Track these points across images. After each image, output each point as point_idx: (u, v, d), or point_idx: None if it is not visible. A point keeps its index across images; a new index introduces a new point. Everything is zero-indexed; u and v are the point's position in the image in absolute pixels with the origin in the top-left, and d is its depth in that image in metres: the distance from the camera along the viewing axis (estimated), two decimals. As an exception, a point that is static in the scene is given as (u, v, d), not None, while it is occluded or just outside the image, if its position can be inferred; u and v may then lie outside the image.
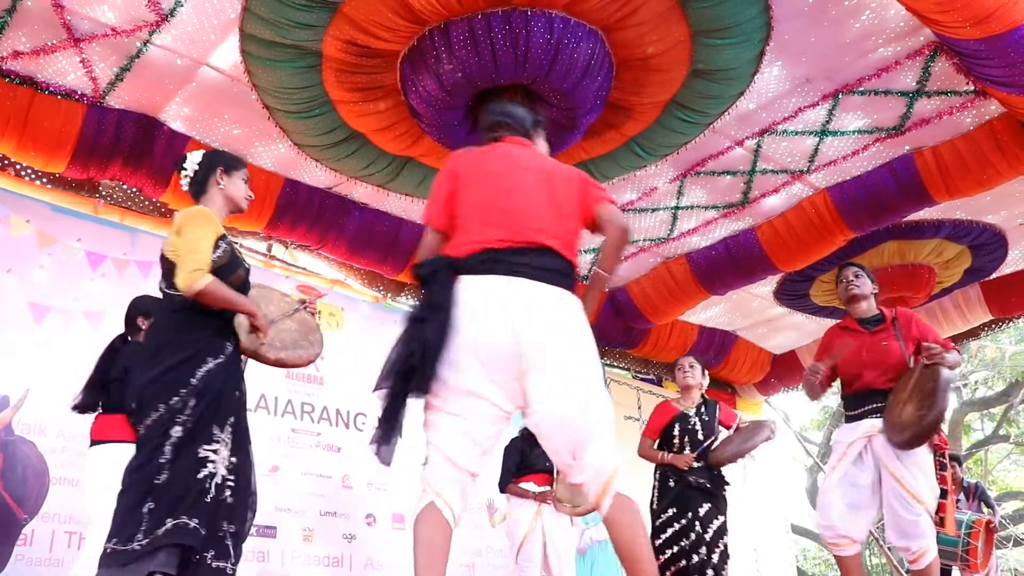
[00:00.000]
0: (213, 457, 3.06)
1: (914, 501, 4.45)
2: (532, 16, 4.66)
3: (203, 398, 3.09)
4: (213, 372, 3.16)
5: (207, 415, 3.09)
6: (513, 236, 2.66)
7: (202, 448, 3.04)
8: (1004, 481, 20.64)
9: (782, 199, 7.21)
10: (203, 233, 3.24)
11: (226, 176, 3.50)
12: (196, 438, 3.04)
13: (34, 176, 5.98)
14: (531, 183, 2.79)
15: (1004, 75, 5.06)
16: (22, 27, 5.01)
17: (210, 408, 3.10)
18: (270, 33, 4.87)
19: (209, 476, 3.03)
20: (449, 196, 2.83)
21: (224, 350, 3.25)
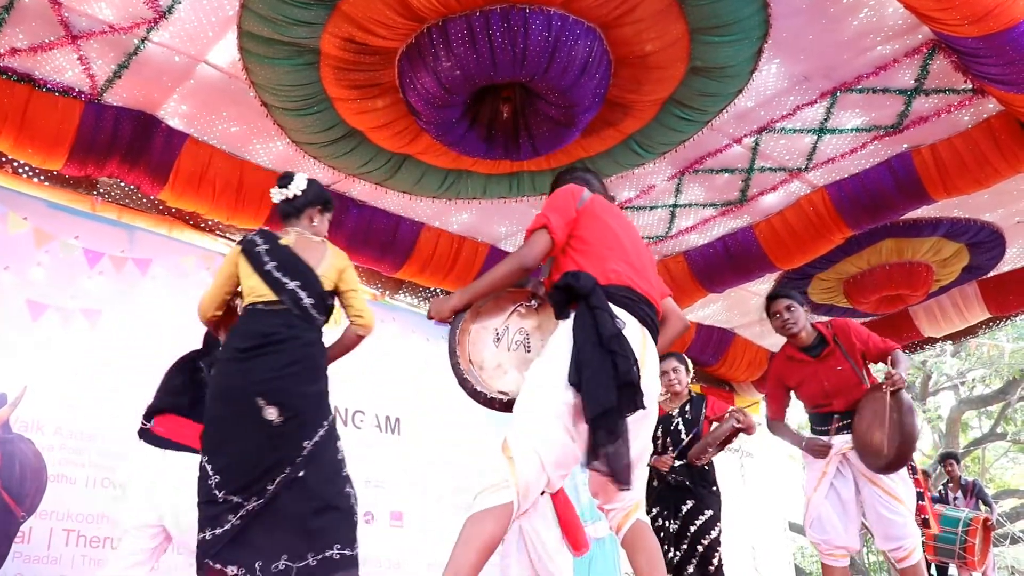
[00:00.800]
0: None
1: (896, 503, 4.56)
2: (530, 13, 4.66)
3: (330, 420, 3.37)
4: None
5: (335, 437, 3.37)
6: (642, 284, 2.87)
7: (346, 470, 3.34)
8: (1001, 479, 20.68)
9: (780, 197, 7.21)
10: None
11: (320, 216, 3.73)
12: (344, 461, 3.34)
13: (31, 173, 5.97)
14: (640, 241, 3.09)
15: (1002, 73, 5.07)
16: (19, 24, 5.00)
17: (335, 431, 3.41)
18: (268, 30, 4.86)
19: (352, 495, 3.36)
20: (576, 218, 2.99)
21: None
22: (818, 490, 4.87)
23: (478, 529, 2.44)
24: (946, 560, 7.46)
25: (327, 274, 3.49)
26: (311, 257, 3.53)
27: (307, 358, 3.34)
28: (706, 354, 9.91)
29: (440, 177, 6.40)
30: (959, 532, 7.08)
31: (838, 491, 4.81)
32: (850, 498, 4.79)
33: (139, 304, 6.09)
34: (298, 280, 3.44)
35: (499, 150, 5.60)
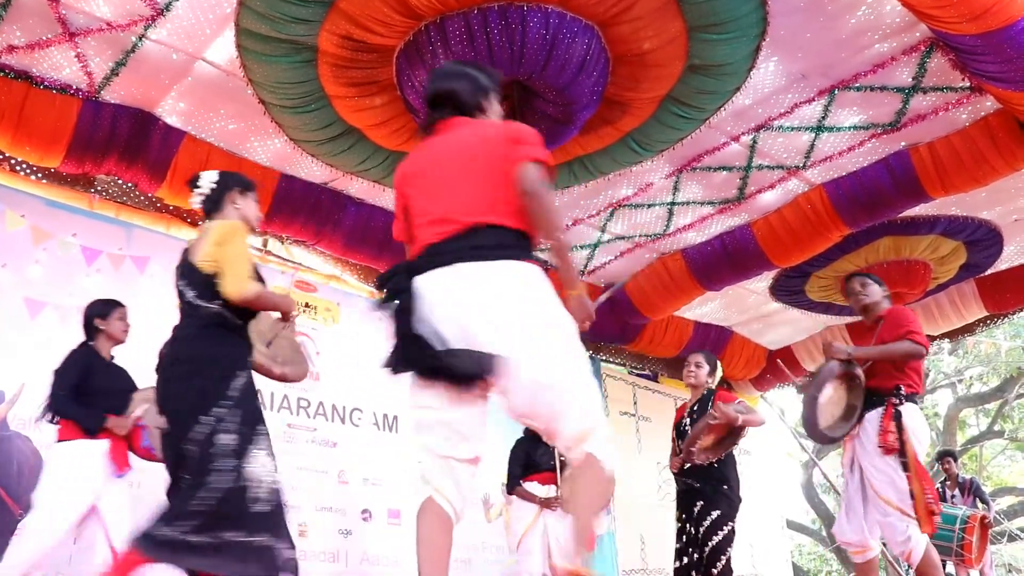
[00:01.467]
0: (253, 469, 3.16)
1: (882, 503, 4.54)
2: (528, 11, 4.66)
3: (244, 412, 3.21)
4: (246, 386, 3.29)
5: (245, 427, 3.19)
6: (448, 227, 2.61)
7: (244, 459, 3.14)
8: (999, 476, 20.70)
9: (778, 195, 7.22)
10: (244, 244, 3.43)
11: (241, 197, 3.64)
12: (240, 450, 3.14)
13: (29, 171, 5.96)
14: (456, 168, 2.71)
15: (1000, 71, 5.07)
16: (17, 21, 5.00)
17: (247, 420, 3.21)
18: (266, 28, 4.86)
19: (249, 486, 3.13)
20: (402, 212, 2.86)
21: (249, 365, 3.41)
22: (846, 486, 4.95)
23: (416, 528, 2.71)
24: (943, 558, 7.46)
25: (205, 256, 3.36)
26: (195, 247, 3.46)
27: (184, 357, 3.30)
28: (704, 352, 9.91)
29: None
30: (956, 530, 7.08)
31: (848, 484, 4.82)
32: (856, 491, 4.76)
33: (137, 302, 6.06)
34: (184, 278, 3.44)
35: (497, 148, 5.59)
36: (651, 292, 8.35)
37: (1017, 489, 18.96)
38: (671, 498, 9.88)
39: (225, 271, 3.29)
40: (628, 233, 7.84)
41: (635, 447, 9.88)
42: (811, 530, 20.01)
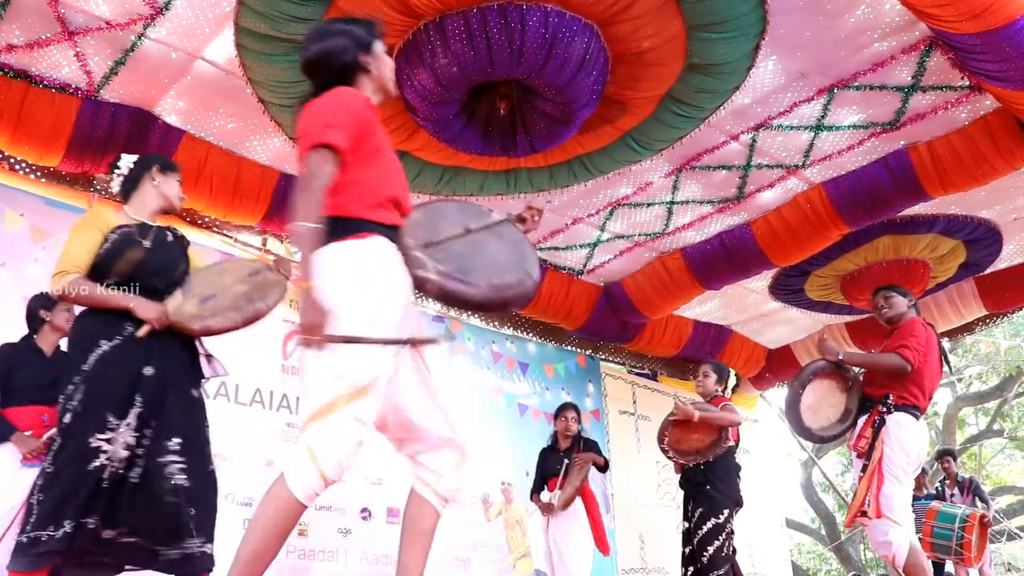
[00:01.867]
0: (106, 447, 2.97)
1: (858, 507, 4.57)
2: (527, 10, 4.66)
3: (94, 383, 3.07)
4: (108, 354, 3.14)
5: (98, 400, 3.03)
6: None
7: (94, 437, 2.97)
8: (998, 475, 20.70)
9: (777, 194, 7.22)
10: (77, 236, 3.34)
11: (161, 175, 3.59)
12: (86, 426, 2.98)
13: (28, 170, 5.96)
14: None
15: (999, 70, 5.07)
16: (16, 20, 4.99)
17: (104, 392, 3.05)
18: (265, 27, 4.86)
19: (102, 467, 2.95)
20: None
21: (121, 331, 3.21)
22: None
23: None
24: (943, 556, 7.46)
25: None
26: None
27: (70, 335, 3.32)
28: (703, 351, 9.92)
29: (437, 174, 6.40)
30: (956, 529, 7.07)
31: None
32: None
33: (136, 301, 6.08)
34: None
35: (496, 147, 5.60)
36: (650, 291, 8.35)
37: (1016, 488, 18.97)
38: (670, 497, 9.94)
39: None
40: (627, 232, 7.84)
41: (634, 446, 9.88)
42: (810, 529, 20.02)
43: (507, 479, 7.86)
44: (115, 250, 3.32)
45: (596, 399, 9.72)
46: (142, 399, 3.10)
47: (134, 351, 3.18)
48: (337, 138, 2.38)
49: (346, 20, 2.79)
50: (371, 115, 2.54)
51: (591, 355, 10.02)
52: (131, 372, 3.14)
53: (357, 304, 2.29)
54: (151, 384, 3.16)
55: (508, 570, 7.76)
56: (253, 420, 6.55)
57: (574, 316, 8.58)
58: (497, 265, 2.44)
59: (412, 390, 2.48)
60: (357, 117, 2.47)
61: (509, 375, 8.95)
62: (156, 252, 3.42)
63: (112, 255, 3.30)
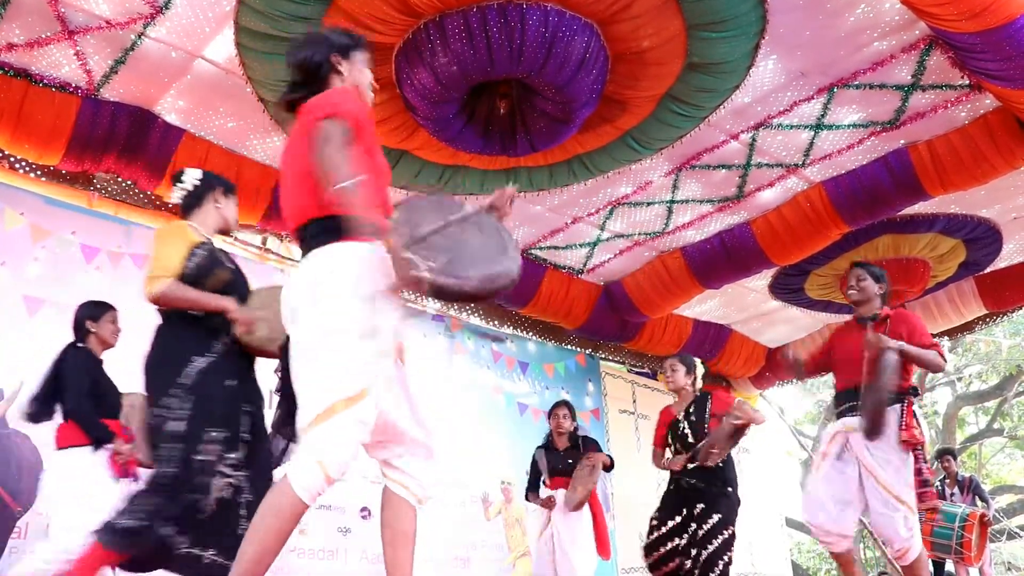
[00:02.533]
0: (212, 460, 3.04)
1: (891, 498, 4.46)
2: (527, 9, 4.66)
3: (197, 398, 3.11)
4: (205, 371, 3.19)
5: (200, 415, 3.09)
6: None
7: (199, 452, 3.03)
8: (998, 475, 20.71)
9: (777, 193, 7.22)
10: (170, 243, 3.37)
11: (224, 198, 3.63)
12: (189, 440, 3.03)
13: (28, 169, 5.96)
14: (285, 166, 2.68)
15: (999, 69, 5.07)
16: (16, 19, 4.99)
17: (204, 408, 3.11)
18: (265, 26, 4.86)
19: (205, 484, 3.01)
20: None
21: (211, 348, 3.26)
22: (817, 471, 4.83)
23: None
24: (943, 556, 7.46)
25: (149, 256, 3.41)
26: None
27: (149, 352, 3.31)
28: (703, 350, 9.92)
29: (437, 173, 6.40)
30: (956, 528, 7.08)
31: (841, 471, 4.75)
32: (853, 478, 4.69)
33: (136, 300, 6.05)
34: None
35: (496, 146, 5.60)
36: (650, 290, 8.35)
37: (1016, 487, 18.98)
38: (671, 496, 9.94)
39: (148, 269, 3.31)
40: (627, 231, 7.84)
41: (634, 445, 9.88)
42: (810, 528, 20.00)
43: (507, 478, 7.87)
44: (206, 267, 3.35)
45: (596, 398, 9.73)
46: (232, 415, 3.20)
47: (225, 367, 3.26)
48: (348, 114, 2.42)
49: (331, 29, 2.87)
50: (367, 116, 2.56)
51: (591, 354, 10.02)
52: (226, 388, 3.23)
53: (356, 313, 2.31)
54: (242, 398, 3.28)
55: (508, 569, 7.77)
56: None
57: (574, 315, 8.58)
58: (483, 255, 2.44)
59: (392, 391, 2.50)
60: (360, 109, 2.52)
61: (509, 374, 8.95)
62: (238, 275, 3.51)
63: (202, 272, 3.33)
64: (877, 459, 4.54)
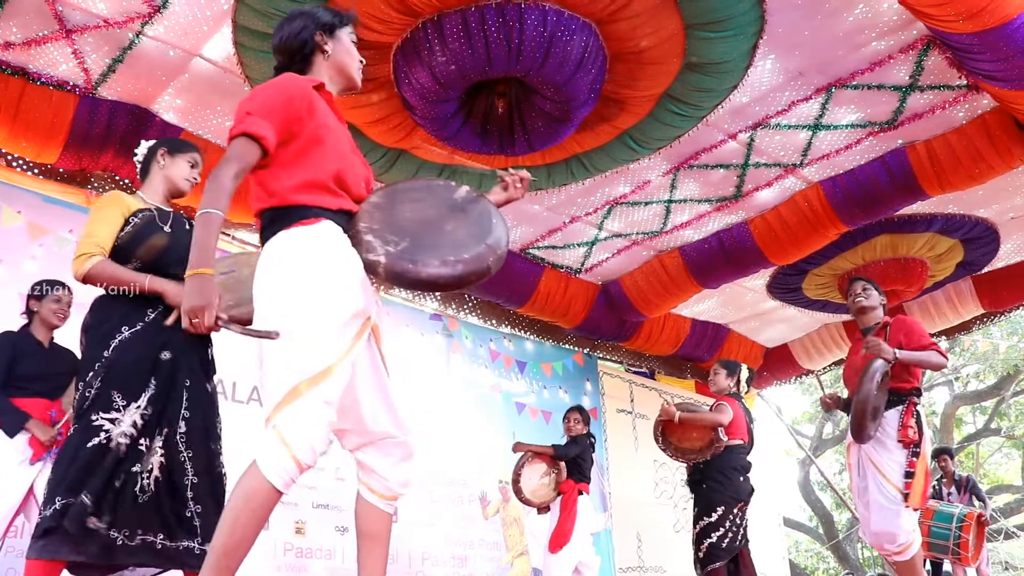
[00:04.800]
0: (108, 425, 2.90)
1: (895, 492, 4.53)
2: (526, 9, 4.66)
3: (112, 368, 3.00)
4: (127, 340, 3.07)
5: (109, 382, 2.98)
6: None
7: (98, 415, 2.91)
8: (995, 474, 20.72)
9: (775, 193, 7.22)
10: (100, 216, 3.24)
11: (168, 157, 3.47)
12: (95, 407, 2.93)
13: (26, 167, 5.96)
14: None
15: (996, 69, 5.07)
16: (13, 17, 4.99)
17: (117, 376, 2.99)
18: (263, 24, 4.86)
19: (101, 445, 2.87)
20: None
21: (143, 317, 3.14)
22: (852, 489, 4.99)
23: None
24: (940, 556, 7.46)
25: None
26: None
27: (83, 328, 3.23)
28: (700, 349, 9.94)
29: (435, 172, 6.40)
30: (953, 528, 7.08)
31: (860, 486, 4.85)
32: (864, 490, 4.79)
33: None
34: None
35: (494, 145, 5.60)
36: (648, 290, 8.35)
37: (1014, 487, 18.99)
38: (668, 495, 9.95)
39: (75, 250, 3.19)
40: (625, 231, 7.84)
41: (632, 445, 9.89)
42: (808, 528, 20.03)
43: (505, 477, 7.86)
44: (137, 234, 3.22)
45: (594, 397, 9.73)
46: (156, 382, 3.04)
47: (153, 336, 3.11)
48: (261, 128, 2.33)
49: (317, 6, 2.75)
50: (312, 99, 2.46)
51: (589, 353, 10.02)
52: (149, 357, 3.07)
53: (310, 293, 2.25)
54: (166, 368, 3.08)
55: (506, 568, 7.77)
56: (251, 418, 6.54)
57: (572, 314, 8.58)
58: (453, 241, 2.35)
59: (365, 382, 2.43)
60: (291, 103, 2.41)
61: (507, 373, 8.95)
62: (177, 239, 3.29)
63: (135, 239, 3.21)
64: (883, 457, 4.62)
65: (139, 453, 2.92)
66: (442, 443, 7.74)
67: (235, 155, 2.33)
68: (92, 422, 2.89)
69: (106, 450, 2.87)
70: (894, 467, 4.61)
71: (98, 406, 2.93)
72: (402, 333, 7.88)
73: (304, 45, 2.61)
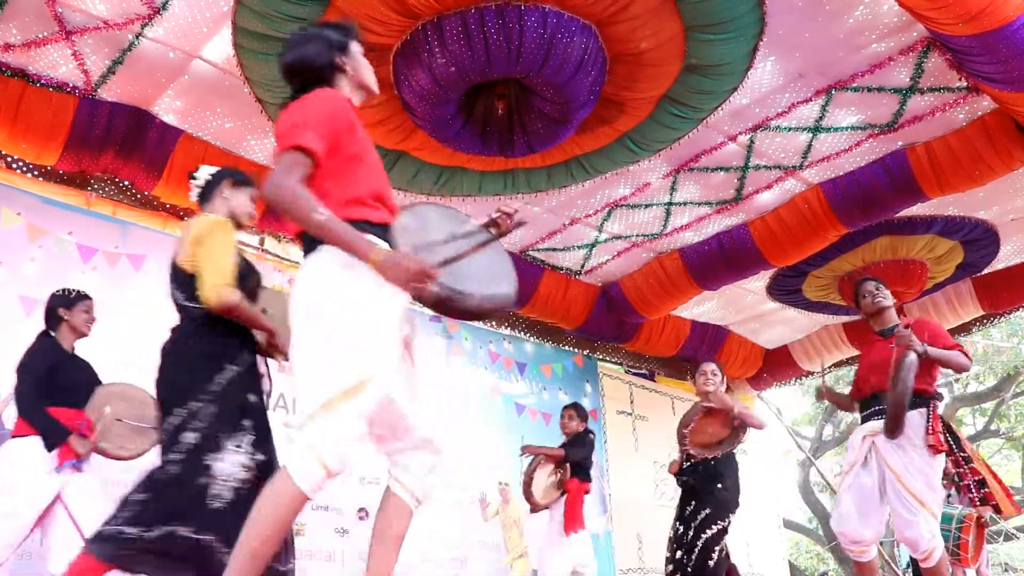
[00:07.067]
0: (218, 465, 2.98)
1: (914, 501, 4.47)
2: (525, 10, 4.66)
3: (221, 405, 3.06)
4: (234, 379, 3.14)
5: (219, 422, 3.03)
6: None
7: (208, 455, 2.97)
8: (995, 475, 20.69)
9: (775, 195, 7.22)
10: (221, 243, 3.25)
11: (232, 189, 3.53)
12: (206, 445, 2.98)
13: (25, 168, 5.96)
14: None
15: (995, 71, 5.07)
16: (13, 19, 4.99)
17: (225, 415, 3.05)
18: (263, 26, 4.85)
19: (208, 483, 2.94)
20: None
21: (241, 355, 3.21)
22: (844, 480, 4.88)
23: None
24: (939, 557, 7.47)
25: (186, 256, 3.26)
26: (179, 244, 3.37)
27: (174, 350, 3.22)
28: (700, 351, 9.92)
29: (435, 174, 6.40)
30: (953, 529, 7.08)
31: (861, 482, 4.78)
32: (872, 488, 4.70)
33: (133, 300, 6.07)
34: (172, 279, 3.34)
35: (494, 147, 5.60)
36: (648, 291, 8.35)
37: (1014, 488, 18.99)
38: (668, 496, 9.94)
39: (202, 274, 3.17)
40: (625, 233, 7.84)
41: (632, 446, 9.89)
42: (808, 529, 20.02)
43: (504, 479, 7.86)
44: (246, 272, 3.31)
45: (593, 399, 9.72)
46: (253, 426, 3.12)
47: (250, 377, 3.22)
48: (311, 141, 2.37)
49: (322, 25, 2.79)
50: (351, 116, 2.54)
51: (588, 355, 10.02)
52: (247, 397, 3.17)
53: (355, 308, 2.30)
54: (259, 411, 3.19)
55: (505, 570, 7.76)
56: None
57: (572, 316, 8.58)
58: (487, 274, 2.47)
59: (400, 389, 2.47)
60: (335, 118, 2.48)
61: (507, 375, 8.95)
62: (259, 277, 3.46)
63: (242, 277, 3.26)
64: (903, 462, 4.57)
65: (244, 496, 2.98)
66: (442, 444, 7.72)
67: (292, 165, 2.35)
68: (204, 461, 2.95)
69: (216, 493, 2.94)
70: (915, 473, 4.54)
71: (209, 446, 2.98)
72: (402, 335, 7.87)
73: (323, 69, 2.66)
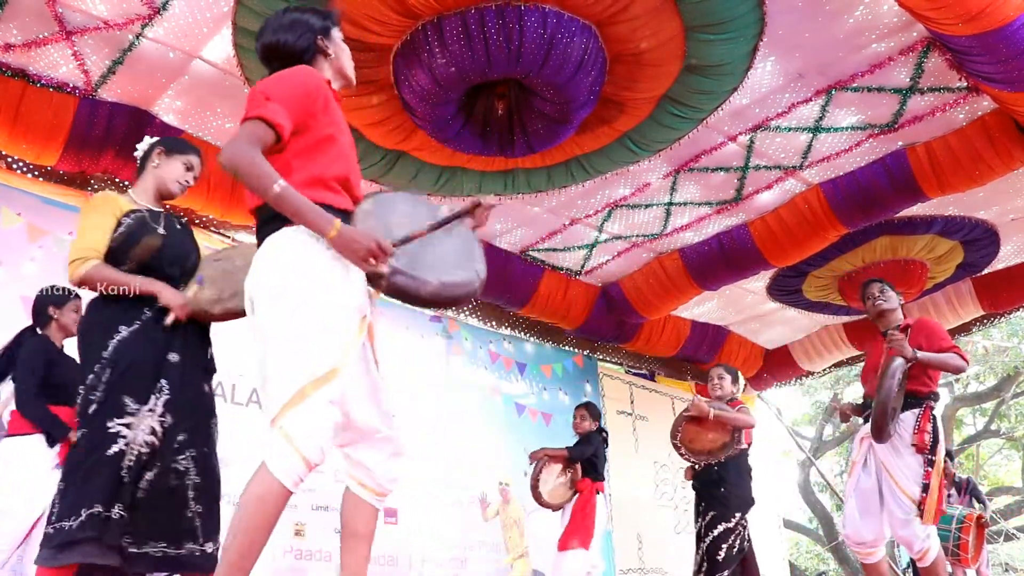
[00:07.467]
0: (125, 432, 2.85)
1: (908, 501, 4.51)
2: (525, 11, 4.66)
3: (115, 368, 2.94)
4: (126, 340, 3.01)
5: (118, 386, 2.91)
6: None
7: (112, 422, 2.85)
8: (995, 476, 20.71)
9: (775, 195, 7.22)
10: (91, 219, 3.20)
11: (163, 157, 3.40)
12: (107, 412, 2.89)
13: (25, 169, 5.96)
14: None
15: (995, 71, 5.07)
16: (13, 19, 4.99)
17: (123, 376, 2.93)
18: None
19: (120, 453, 2.82)
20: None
21: (140, 316, 3.07)
22: (849, 483, 4.93)
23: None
24: (939, 557, 7.48)
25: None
26: None
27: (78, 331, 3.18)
28: (701, 351, 9.93)
29: (435, 174, 6.39)
30: (953, 529, 7.10)
31: (863, 483, 4.81)
32: (871, 489, 4.73)
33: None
34: None
35: (494, 147, 5.60)
36: (648, 292, 8.35)
37: (1013, 488, 18.99)
38: (668, 497, 9.95)
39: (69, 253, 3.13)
40: (625, 233, 7.84)
41: (632, 446, 9.88)
42: (808, 529, 20.02)
43: (505, 479, 7.85)
44: (131, 235, 3.17)
45: (594, 399, 9.71)
46: (169, 385, 2.99)
47: (156, 336, 3.06)
48: (277, 115, 2.31)
49: (302, 8, 2.72)
50: (328, 95, 2.47)
51: (589, 355, 10.02)
52: (155, 357, 3.02)
53: (316, 293, 2.25)
54: (177, 371, 3.04)
55: (506, 570, 7.76)
56: (250, 420, 6.53)
57: (572, 316, 8.58)
58: (447, 262, 2.40)
59: (357, 379, 2.41)
60: (309, 96, 2.41)
61: (507, 375, 8.95)
62: (171, 239, 3.27)
63: (128, 241, 3.15)
64: (897, 462, 4.60)
65: (155, 460, 2.90)
66: (442, 445, 7.73)
67: (251, 134, 2.30)
68: (108, 429, 2.85)
69: (127, 458, 2.84)
70: (907, 474, 4.58)
71: (110, 411, 2.88)
72: (402, 335, 7.88)
73: (305, 52, 2.60)
